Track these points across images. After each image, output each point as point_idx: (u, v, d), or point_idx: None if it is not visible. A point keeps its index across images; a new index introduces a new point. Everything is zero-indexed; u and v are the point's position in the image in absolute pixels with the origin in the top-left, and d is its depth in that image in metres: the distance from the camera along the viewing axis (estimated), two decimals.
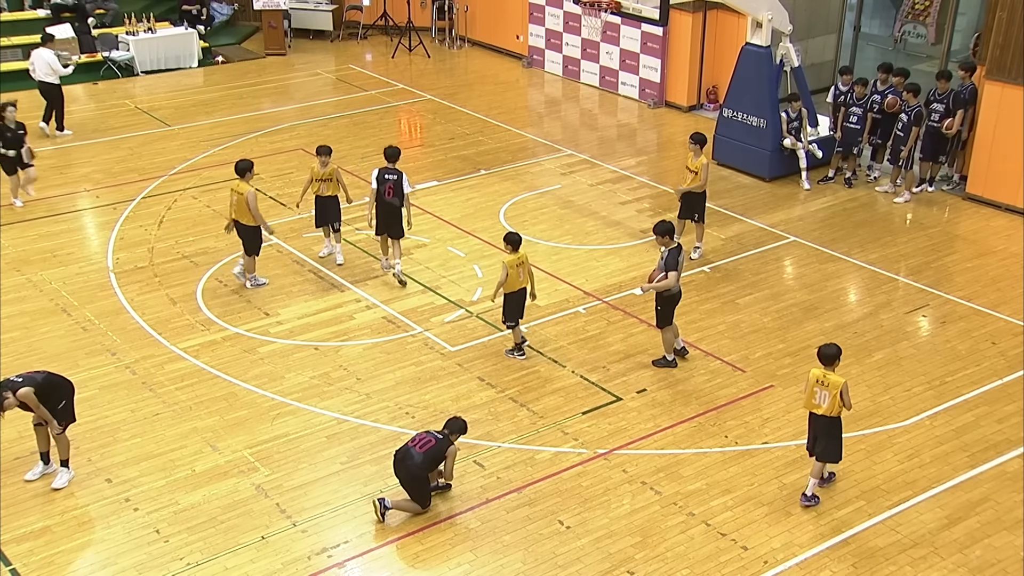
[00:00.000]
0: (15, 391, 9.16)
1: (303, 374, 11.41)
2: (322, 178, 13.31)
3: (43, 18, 21.55)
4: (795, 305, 12.92)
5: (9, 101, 14.69)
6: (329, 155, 13.28)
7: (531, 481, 9.81)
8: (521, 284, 11.52)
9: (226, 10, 24.21)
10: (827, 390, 9.16)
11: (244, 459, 10.09)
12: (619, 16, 20.12)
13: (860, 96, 15.94)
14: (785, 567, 8.83)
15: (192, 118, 19.10)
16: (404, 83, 21.29)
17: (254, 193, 12.69)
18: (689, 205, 13.66)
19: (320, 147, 13.30)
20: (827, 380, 9.14)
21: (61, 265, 13.73)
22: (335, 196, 13.38)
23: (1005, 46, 14.92)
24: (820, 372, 9.20)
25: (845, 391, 9.13)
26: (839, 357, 9.21)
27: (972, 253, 14.27)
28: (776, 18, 16.18)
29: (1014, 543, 9.09)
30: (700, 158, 13.35)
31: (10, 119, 14.78)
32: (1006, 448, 10.30)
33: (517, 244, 11.41)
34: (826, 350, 9.22)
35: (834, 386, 9.11)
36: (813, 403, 9.29)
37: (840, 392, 9.10)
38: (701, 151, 13.36)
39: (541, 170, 17.05)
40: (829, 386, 9.14)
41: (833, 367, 9.19)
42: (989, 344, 12.09)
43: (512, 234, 11.54)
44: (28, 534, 9.13)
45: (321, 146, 13.32)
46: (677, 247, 11.17)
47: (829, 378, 9.14)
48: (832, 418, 9.26)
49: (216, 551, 8.95)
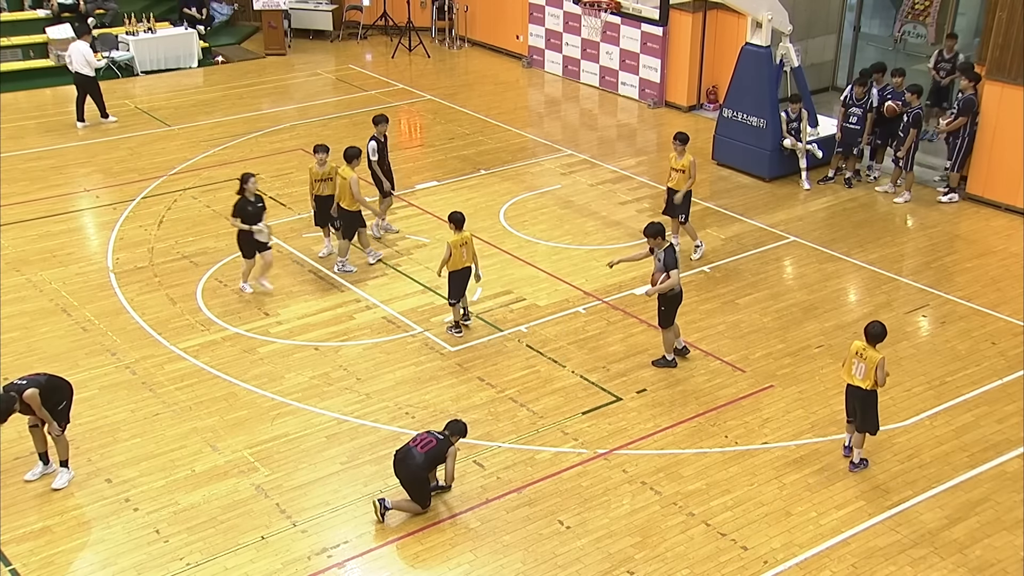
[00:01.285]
0: (21, 393, 9.16)
1: (303, 374, 11.41)
2: (321, 178, 13.32)
3: (43, 18, 21.53)
4: (795, 305, 12.92)
5: (250, 172, 12.88)
6: (327, 153, 13.29)
7: (531, 481, 9.81)
8: (465, 263, 11.83)
9: (226, 10, 24.20)
10: (864, 363, 9.52)
11: (244, 459, 10.09)
12: (619, 16, 20.07)
13: (859, 96, 15.95)
14: (785, 567, 8.83)
15: (192, 118, 19.10)
16: (404, 83, 21.29)
17: (357, 179, 12.97)
18: (673, 203, 13.67)
19: (317, 146, 13.32)
20: (866, 354, 9.53)
21: (61, 265, 13.73)
22: (334, 195, 13.38)
23: (1005, 46, 14.92)
24: (861, 345, 9.60)
25: (881, 366, 9.45)
26: (883, 337, 9.52)
27: (972, 253, 14.27)
28: (776, 18, 16.18)
29: (1014, 543, 9.09)
30: (686, 157, 13.37)
31: (251, 191, 12.69)
32: (1006, 448, 10.30)
33: (460, 223, 11.78)
34: (872, 328, 9.57)
35: (871, 360, 9.47)
36: (850, 374, 9.66)
37: (876, 367, 9.41)
38: (685, 149, 13.39)
39: (541, 170, 17.05)
40: (867, 360, 9.49)
41: (875, 345, 9.50)
42: (989, 344, 12.09)
43: (455, 213, 11.86)
44: (28, 534, 9.13)
45: (318, 145, 13.34)
46: (670, 245, 11.24)
47: (868, 352, 9.49)
48: (867, 391, 9.60)
49: (216, 551, 8.95)
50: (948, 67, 16.38)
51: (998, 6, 14.98)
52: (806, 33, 18.62)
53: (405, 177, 16.59)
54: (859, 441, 9.91)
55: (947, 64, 16.42)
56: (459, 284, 11.95)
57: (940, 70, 16.51)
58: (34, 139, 18.00)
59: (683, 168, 13.42)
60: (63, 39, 20.72)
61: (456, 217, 11.81)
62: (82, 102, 18.49)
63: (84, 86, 18.40)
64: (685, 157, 13.39)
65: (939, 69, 16.52)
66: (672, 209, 13.75)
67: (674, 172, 13.53)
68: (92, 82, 18.45)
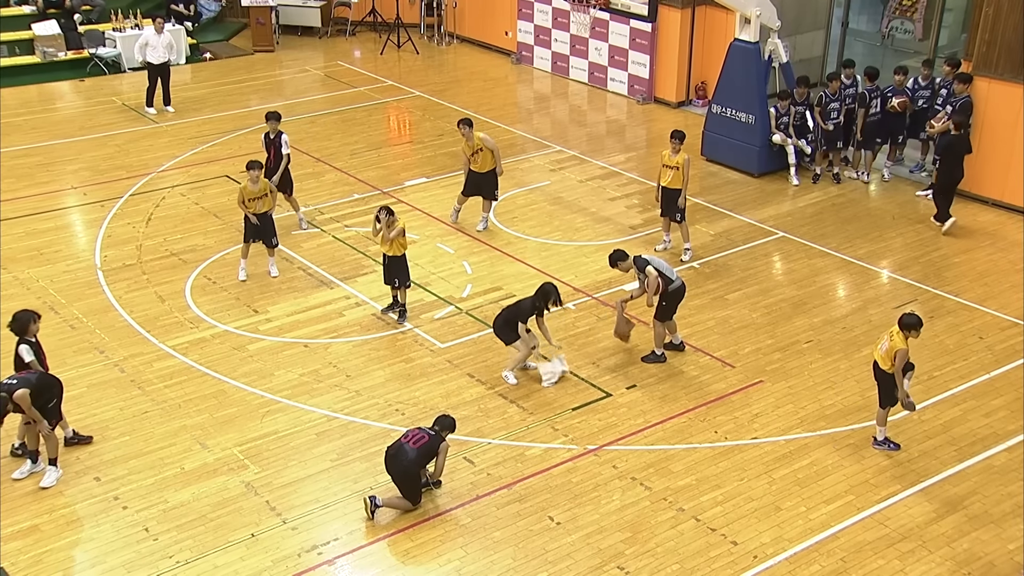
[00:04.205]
0: (12, 393, 9.12)
1: (292, 371, 11.39)
2: (256, 196, 12.85)
3: (28, 14, 21.40)
4: (784, 300, 12.95)
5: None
6: (261, 170, 12.93)
7: (521, 477, 9.82)
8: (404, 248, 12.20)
9: (214, 6, 24.11)
10: (889, 343, 9.77)
11: (234, 457, 10.07)
12: (608, 12, 20.16)
13: (834, 92, 16.01)
14: (774, 562, 8.86)
15: (180, 115, 19.02)
16: (393, 80, 21.25)
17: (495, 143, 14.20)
18: (669, 201, 13.70)
19: (251, 162, 12.87)
20: (893, 336, 9.74)
21: (48, 263, 13.66)
22: (270, 211, 13.07)
23: (991, 42, 14.99)
24: (896, 328, 9.78)
25: (900, 356, 9.65)
26: (913, 328, 9.68)
27: (960, 248, 14.33)
28: (764, 14, 16.21)
29: (1001, 536, 9.14)
30: (680, 154, 13.39)
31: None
32: (993, 442, 10.36)
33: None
34: (907, 318, 9.73)
35: (894, 344, 9.71)
36: (877, 347, 10.01)
37: (895, 353, 9.66)
38: (681, 147, 13.42)
39: (530, 166, 17.04)
40: (892, 340, 9.73)
41: (908, 334, 9.68)
42: (977, 339, 12.14)
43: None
44: (16, 533, 9.10)
45: (252, 161, 12.90)
46: (636, 257, 11.47)
47: (895, 337, 9.71)
48: (884, 371, 9.83)
49: (205, 549, 8.93)
50: (927, 95, 15.79)
51: (984, 2, 15.03)
52: (794, 29, 18.65)
53: (394, 174, 16.58)
54: (881, 418, 10.07)
55: (925, 92, 15.82)
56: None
57: (919, 99, 15.83)
58: (20, 136, 17.90)
59: (676, 165, 13.42)
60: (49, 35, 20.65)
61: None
62: (153, 89, 18.87)
63: (158, 72, 18.82)
64: (680, 155, 13.40)
65: (917, 98, 15.85)
66: (668, 208, 13.76)
67: (667, 169, 13.55)
68: (166, 68, 18.87)
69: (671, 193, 13.61)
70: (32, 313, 10.01)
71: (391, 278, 12.24)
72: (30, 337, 9.90)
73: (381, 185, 16.10)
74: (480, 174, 14.34)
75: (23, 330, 9.87)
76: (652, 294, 11.26)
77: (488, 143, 14.24)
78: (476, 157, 14.25)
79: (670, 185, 13.57)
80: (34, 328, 9.95)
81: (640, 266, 11.37)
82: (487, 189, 14.48)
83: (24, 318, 9.90)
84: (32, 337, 9.93)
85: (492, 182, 14.45)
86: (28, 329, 9.89)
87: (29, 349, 9.82)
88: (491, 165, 14.34)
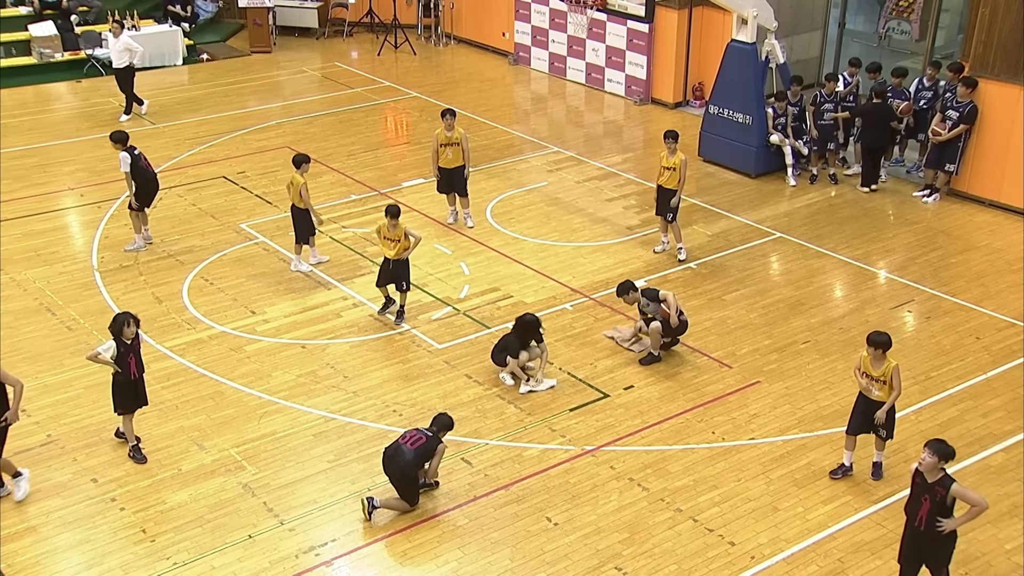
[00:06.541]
0: None
1: (290, 372, 11.38)
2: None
3: (25, 15, 21.38)
4: (781, 301, 12.96)
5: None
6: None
7: (519, 478, 9.82)
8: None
9: (211, 7, 24.09)
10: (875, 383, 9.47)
11: (231, 458, 10.06)
12: (605, 13, 20.17)
13: (829, 93, 16.03)
14: (772, 562, 8.86)
15: (177, 116, 19.01)
16: (390, 80, 21.25)
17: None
18: (663, 201, 13.72)
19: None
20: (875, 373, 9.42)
21: (45, 264, 13.65)
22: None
23: (988, 43, 15.00)
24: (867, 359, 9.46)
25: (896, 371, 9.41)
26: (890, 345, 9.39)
27: (956, 249, 14.35)
28: (761, 15, 16.22)
29: (998, 536, 9.16)
30: (677, 155, 13.41)
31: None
32: (990, 442, 10.37)
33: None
34: (876, 337, 9.38)
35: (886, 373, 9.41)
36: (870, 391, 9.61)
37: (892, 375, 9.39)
38: (677, 147, 13.44)
39: (527, 167, 17.05)
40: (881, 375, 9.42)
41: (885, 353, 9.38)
42: (973, 339, 12.16)
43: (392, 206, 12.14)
44: (13, 534, 9.08)
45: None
46: (648, 289, 11.62)
47: (876, 371, 9.41)
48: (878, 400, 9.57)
49: (203, 550, 8.93)
50: (929, 95, 15.79)
51: (981, 3, 15.05)
52: (791, 30, 18.67)
53: (391, 175, 16.58)
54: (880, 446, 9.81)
55: (927, 93, 15.82)
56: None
57: (921, 99, 15.85)
58: (17, 137, 17.89)
59: (673, 166, 13.43)
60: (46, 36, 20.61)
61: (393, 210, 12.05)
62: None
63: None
64: (676, 155, 13.41)
65: (919, 99, 15.86)
66: (662, 207, 13.79)
67: (664, 170, 13.56)
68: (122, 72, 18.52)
69: (666, 193, 13.63)
70: (128, 315, 9.64)
71: (388, 281, 12.22)
72: (125, 339, 9.56)
73: (378, 186, 16.10)
74: (449, 170, 14.40)
75: (118, 332, 9.53)
76: (675, 314, 11.36)
77: (465, 140, 14.34)
78: (447, 150, 14.27)
79: (666, 184, 13.59)
80: (128, 332, 9.56)
81: (651, 297, 11.49)
82: (459, 185, 14.53)
83: (120, 320, 9.55)
84: (127, 340, 9.57)
85: (463, 178, 14.51)
86: (123, 332, 9.55)
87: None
88: (460, 161, 14.39)
